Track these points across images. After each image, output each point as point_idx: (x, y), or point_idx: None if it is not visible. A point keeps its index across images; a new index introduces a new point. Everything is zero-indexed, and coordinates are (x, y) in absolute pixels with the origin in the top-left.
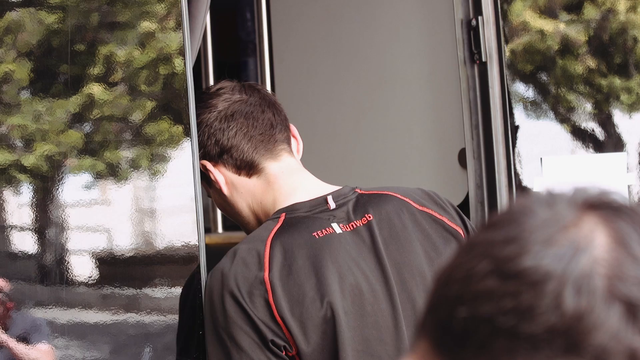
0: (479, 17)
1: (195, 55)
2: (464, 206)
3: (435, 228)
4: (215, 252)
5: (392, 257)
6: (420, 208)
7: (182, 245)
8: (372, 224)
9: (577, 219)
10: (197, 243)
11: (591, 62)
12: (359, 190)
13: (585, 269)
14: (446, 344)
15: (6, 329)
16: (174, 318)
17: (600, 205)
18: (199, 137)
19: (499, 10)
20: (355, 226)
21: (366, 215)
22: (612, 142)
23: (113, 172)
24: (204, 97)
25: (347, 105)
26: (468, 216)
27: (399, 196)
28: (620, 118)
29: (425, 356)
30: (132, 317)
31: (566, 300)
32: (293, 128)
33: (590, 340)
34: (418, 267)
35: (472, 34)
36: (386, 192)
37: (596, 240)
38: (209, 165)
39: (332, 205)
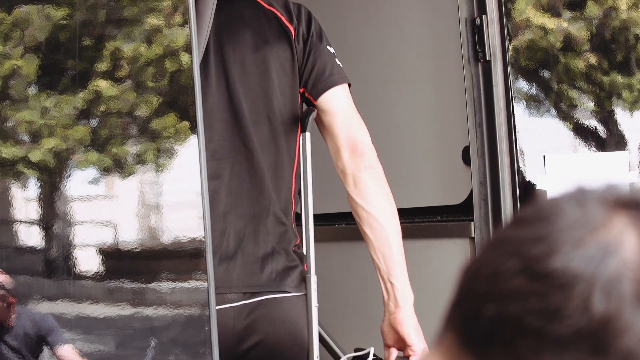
0: (483, 16)
1: (202, 53)
2: (468, 203)
3: (272, 25)
4: None
5: (219, 38)
6: (267, 7)
7: (189, 240)
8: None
9: (607, 220)
10: (203, 238)
11: (593, 60)
12: None
13: (614, 272)
14: (472, 340)
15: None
16: (179, 312)
17: (630, 205)
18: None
19: (503, 9)
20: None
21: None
22: (614, 140)
23: (120, 168)
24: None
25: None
26: (471, 214)
27: None
28: (622, 116)
29: (450, 349)
30: (139, 311)
31: (594, 303)
32: None
33: (617, 343)
34: (241, 49)
35: (476, 32)
36: None
37: (626, 242)
38: None
39: None
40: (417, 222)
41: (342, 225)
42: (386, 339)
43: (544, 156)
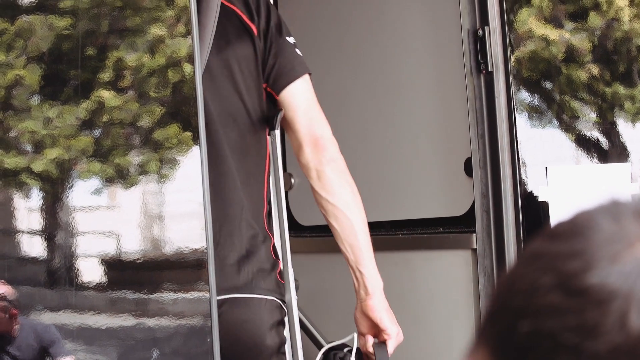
0: (486, 28)
1: (205, 63)
2: (470, 214)
3: (233, 23)
4: None
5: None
6: (227, 5)
7: (191, 251)
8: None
9: None
10: (205, 249)
11: (595, 71)
12: None
13: None
14: (506, 355)
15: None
16: (181, 323)
17: None
18: None
19: (506, 20)
20: None
21: None
22: (616, 151)
23: (122, 178)
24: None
25: (354, 115)
26: (473, 226)
27: None
28: (624, 127)
29: None
30: (140, 322)
31: (632, 319)
32: None
33: None
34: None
35: (479, 44)
36: None
37: None
38: None
39: None
40: (419, 233)
41: None
42: (360, 327)
43: (546, 167)
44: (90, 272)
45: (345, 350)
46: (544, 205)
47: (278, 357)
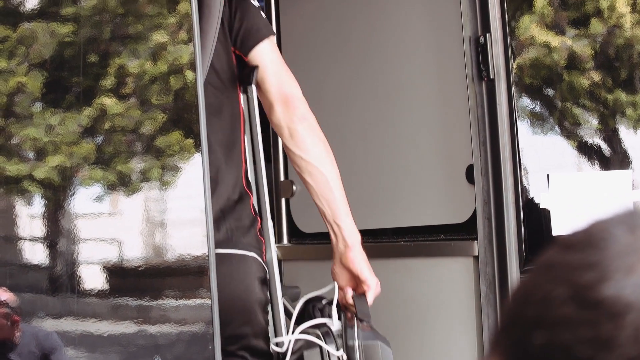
0: (487, 35)
1: (207, 70)
2: (472, 222)
3: None
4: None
5: None
6: None
7: (193, 258)
8: None
9: None
10: (207, 255)
11: (597, 78)
12: None
13: None
14: None
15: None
16: (183, 330)
17: None
18: None
19: (507, 27)
20: None
21: None
22: (618, 158)
23: (124, 184)
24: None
25: (355, 122)
26: (475, 233)
27: None
28: (626, 133)
29: None
30: (142, 329)
31: None
32: None
33: None
34: None
35: (480, 51)
36: None
37: None
38: None
39: None
40: (420, 240)
41: None
42: (340, 280)
43: (548, 174)
44: (92, 278)
45: (324, 302)
46: (546, 213)
47: (263, 315)
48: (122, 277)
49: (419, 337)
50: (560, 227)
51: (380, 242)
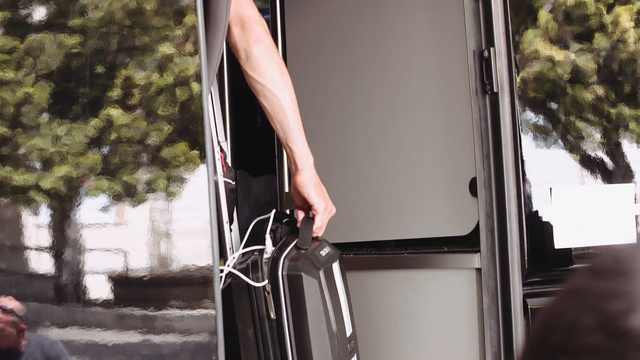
0: (491, 49)
1: (212, 81)
2: (475, 234)
3: None
4: None
5: None
6: None
7: (197, 268)
8: None
9: None
10: (212, 266)
11: (601, 92)
12: None
13: None
14: None
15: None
16: (187, 340)
17: None
18: None
19: (511, 41)
20: None
21: None
22: (620, 172)
23: (129, 195)
24: None
25: (359, 135)
26: (478, 245)
27: None
28: (629, 147)
29: None
30: (146, 339)
31: None
32: None
33: None
34: None
35: (484, 64)
36: None
37: None
38: None
39: None
40: (423, 252)
41: (349, 255)
42: (295, 201)
43: (551, 188)
44: (97, 288)
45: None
46: (548, 226)
47: None
48: (126, 287)
49: (422, 349)
50: (562, 240)
51: (384, 253)
